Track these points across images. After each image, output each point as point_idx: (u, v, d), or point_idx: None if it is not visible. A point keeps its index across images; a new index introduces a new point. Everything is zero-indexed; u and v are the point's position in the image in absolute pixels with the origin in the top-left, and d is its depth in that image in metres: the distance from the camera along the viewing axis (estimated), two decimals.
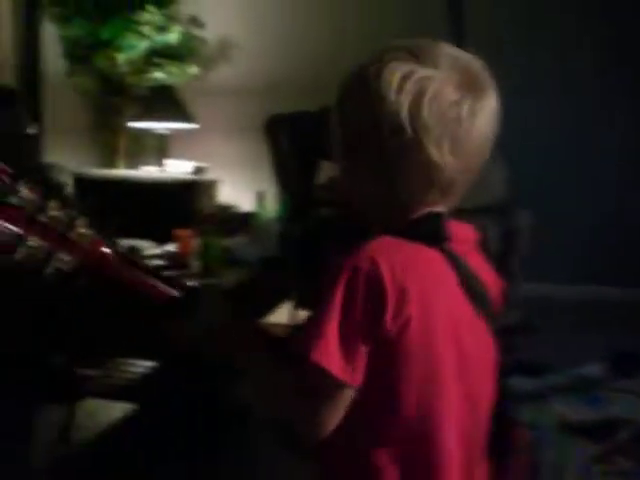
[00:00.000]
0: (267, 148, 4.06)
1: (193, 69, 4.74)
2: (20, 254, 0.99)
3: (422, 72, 0.99)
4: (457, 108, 0.99)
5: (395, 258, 0.97)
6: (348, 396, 0.97)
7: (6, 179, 0.99)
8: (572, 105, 4.43)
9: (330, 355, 0.94)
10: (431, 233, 1.02)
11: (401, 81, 0.99)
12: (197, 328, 1.12)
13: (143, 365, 2.87)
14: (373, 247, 0.98)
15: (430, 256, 1.02)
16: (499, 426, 1.14)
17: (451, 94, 0.99)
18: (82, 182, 3.94)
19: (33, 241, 1.00)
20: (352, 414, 0.98)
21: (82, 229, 1.06)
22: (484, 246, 1.13)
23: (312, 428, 0.99)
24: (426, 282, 1.00)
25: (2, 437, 2.58)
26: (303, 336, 0.96)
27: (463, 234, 1.10)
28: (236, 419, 2.80)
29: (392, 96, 0.99)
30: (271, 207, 3.55)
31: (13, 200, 0.99)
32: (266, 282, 2.97)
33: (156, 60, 4.59)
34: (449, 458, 1.02)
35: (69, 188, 3.59)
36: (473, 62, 1.04)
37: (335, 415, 0.97)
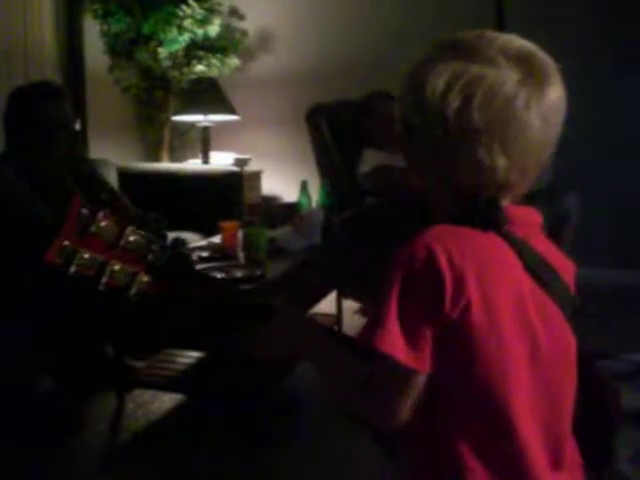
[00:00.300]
0: (309, 138, 4.07)
1: (234, 61, 4.76)
2: (105, 279, 1.06)
3: (472, 72, 0.97)
4: (510, 106, 0.97)
5: (451, 244, 0.95)
6: (419, 383, 0.97)
7: (85, 211, 1.04)
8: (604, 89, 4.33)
9: (395, 343, 0.94)
10: (487, 218, 1.00)
11: (448, 85, 0.97)
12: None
13: (192, 356, 2.90)
14: (429, 234, 0.97)
15: (489, 241, 1.00)
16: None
17: (505, 91, 0.97)
18: (127, 176, 3.98)
19: (117, 265, 1.06)
20: (429, 401, 0.98)
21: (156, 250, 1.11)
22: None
23: (386, 419, 0.99)
24: (486, 267, 0.97)
25: (54, 426, 2.63)
26: (366, 328, 0.96)
27: (526, 218, 1.07)
28: (283, 412, 2.82)
29: (439, 100, 0.98)
30: (315, 197, 3.54)
31: (92, 229, 1.04)
32: (312, 272, 2.97)
33: (197, 53, 4.62)
34: (527, 449, 1.00)
35: (114, 186, 3.63)
36: (529, 50, 1.00)
37: (407, 403, 0.97)
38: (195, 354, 2.90)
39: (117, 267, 1.06)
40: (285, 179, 4.78)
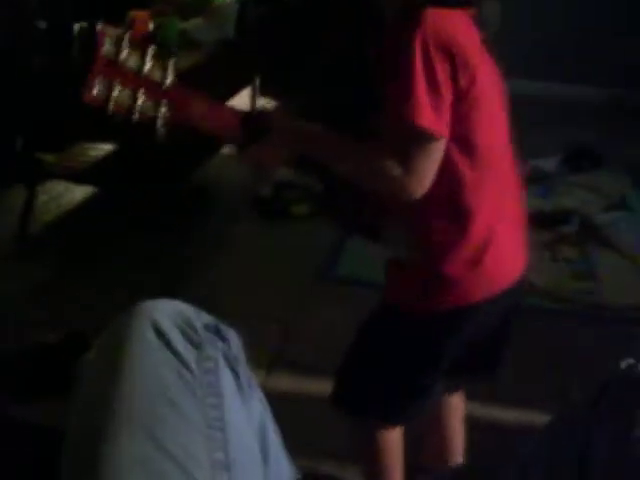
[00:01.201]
0: None
1: None
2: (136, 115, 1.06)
3: None
4: None
5: (450, 23, 1.07)
6: (441, 148, 1.08)
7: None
8: None
9: (423, 112, 1.03)
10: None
11: None
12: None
13: (104, 149, 2.88)
14: (432, 17, 1.05)
15: (466, 18, 1.12)
16: None
17: None
18: None
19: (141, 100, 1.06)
20: (441, 167, 1.09)
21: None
22: None
23: (421, 187, 1.08)
24: (473, 39, 1.11)
25: None
26: (397, 106, 1.04)
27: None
28: (196, 201, 2.88)
29: None
30: None
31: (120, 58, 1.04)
32: (223, 66, 2.92)
33: None
34: (508, 181, 1.22)
35: None
36: None
37: (433, 168, 1.08)
38: (107, 147, 2.88)
39: (143, 99, 1.06)
40: None
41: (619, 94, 4.16)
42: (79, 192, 2.94)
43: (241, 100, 3.41)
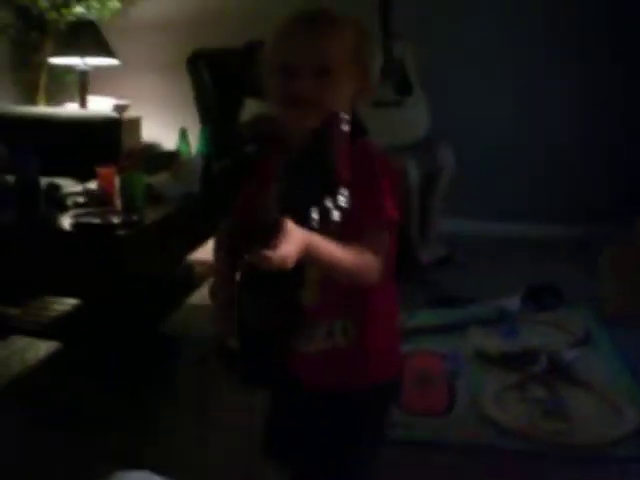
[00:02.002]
0: (190, 84, 4.03)
1: (114, 3, 4.63)
2: None
3: None
4: None
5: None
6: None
7: None
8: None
9: (392, 209, 1.22)
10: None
11: None
12: None
13: (67, 303, 2.88)
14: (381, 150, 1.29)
15: None
16: None
17: None
18: (1, 120, 3.85)
19: None
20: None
21: None
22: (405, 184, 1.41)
23: (378, 274, 1.20)
24: None
25: None
26: (378, 206, 1.20)
27: None
28: (165, 354, 2.85)
29: None
30: (194, 144, 3.53)
31: None
32: (189, 219, 2.98)
33: None
34: None
35: None
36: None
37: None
38: (70, 301, 2.88)
39: None
40: (165, 126, 4.72)
41: (578, 231, 4.32)
42: (43, 347, 2.90)
43: (204, 250, 3.45)
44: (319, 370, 1.31)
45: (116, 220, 2.53)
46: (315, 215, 0.99)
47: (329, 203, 0.99)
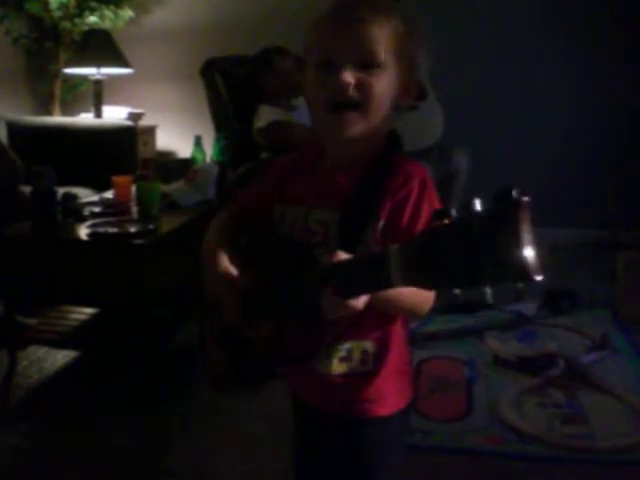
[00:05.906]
0: (204, 92, 4.05)
1: (127, 13, 4.65)
2: None
3: None
4: None
5: None
6: None
7: None
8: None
9: None
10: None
11: None
12: None
13: (85, 312, 2.89)
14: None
15: None
16: None
17: None
18: (16, 130, 3.88)
19: None
20: None
21: None
22: None
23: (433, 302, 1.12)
24: None
25: None
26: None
27: None
28: (181, 362, 2.86)
29: None
30: (209, 152, 3.55)
31: None
32: (205, 227, 2.98)
33: (90, 4, 4.49)
34: None
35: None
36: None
37: None
38: (88, 310, 2.89)
39: None
40: (180, 134, 4.74)
41: (593, 235, 4.29)
42: (61, 356, 2.91)
43: None
44: (336, 394, 1.20)
45: (133, 229, 2.54)
46: None
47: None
